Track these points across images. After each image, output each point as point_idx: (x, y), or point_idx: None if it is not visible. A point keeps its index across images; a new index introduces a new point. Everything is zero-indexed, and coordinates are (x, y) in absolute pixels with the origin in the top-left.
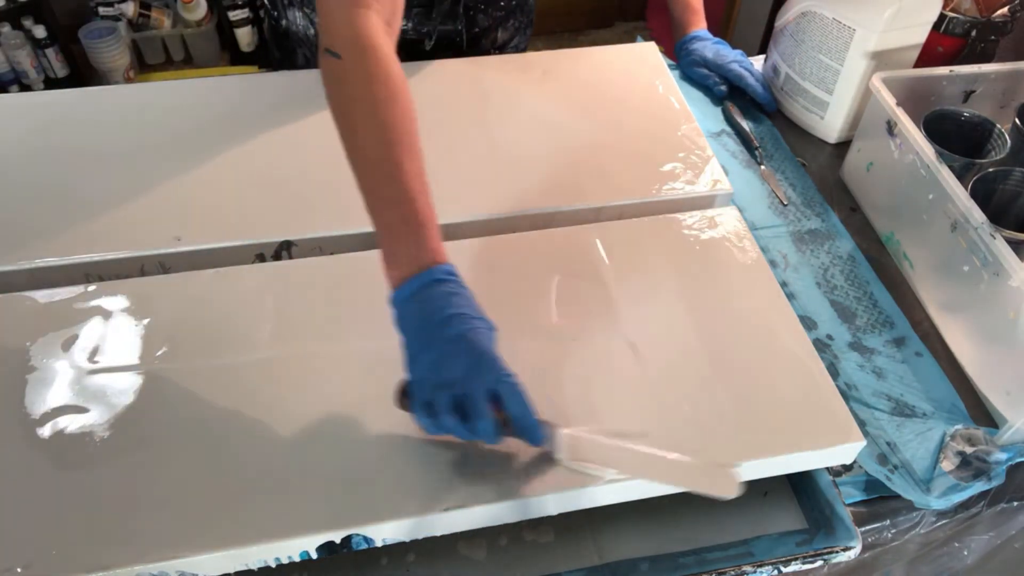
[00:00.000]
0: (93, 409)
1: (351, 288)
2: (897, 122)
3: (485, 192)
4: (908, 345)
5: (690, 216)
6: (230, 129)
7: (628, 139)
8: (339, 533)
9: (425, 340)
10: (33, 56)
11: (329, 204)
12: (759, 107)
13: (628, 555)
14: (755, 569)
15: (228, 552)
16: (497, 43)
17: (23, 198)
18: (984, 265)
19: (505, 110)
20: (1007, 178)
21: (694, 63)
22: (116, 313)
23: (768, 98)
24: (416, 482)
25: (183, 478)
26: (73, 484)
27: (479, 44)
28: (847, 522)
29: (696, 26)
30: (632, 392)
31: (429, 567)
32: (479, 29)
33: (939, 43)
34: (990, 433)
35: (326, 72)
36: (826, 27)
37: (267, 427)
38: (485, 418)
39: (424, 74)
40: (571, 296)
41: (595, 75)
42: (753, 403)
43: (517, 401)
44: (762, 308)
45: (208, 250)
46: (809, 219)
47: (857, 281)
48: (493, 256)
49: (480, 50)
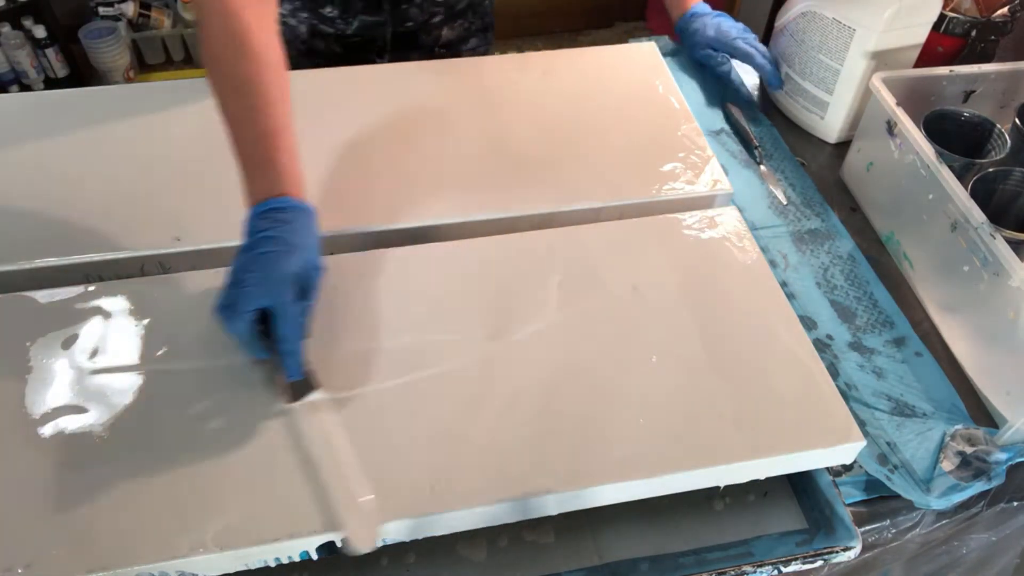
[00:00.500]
0: (93, 409)
1: (350, 288)
2: (897, 122)
3: (485, 192)
4: (908, 345)
5: (690, 216)
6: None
7: (628, 139)
8: (339, 533)
9: (238, 256)
10: (33, 56)
11: (329, 204)
12: (758, 107)
13: (628, 555)
14: (755, 569)
15: (228, 552)
16: (442, 42)
17: (23, 198)
18: (984, 265)
19: (505, 110)
20: (1007, 178)
21: (698, 45)
22: (116, 313)
23: (777, 79)
24: (416, 482)
25: (183, 478)
26: (73, 484)
27: (417, 41)
28: (847, 522)
29: (693, 0)
30: (632, 392)
31: (429, 567)
32: (413, 24)
33: (939, 43)
34: (990, 433)
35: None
36: (826, 27)
37: (267, 427)
38: (242, 321)
39: (424, 74)
40: (571, 296)
41: (595, 75)
42: (753, 403)
43: (286, 325)
44: (762, 308)
45: (208, 250)
46: (809, 219)
47: (857, 281)
48: (493, 256)
49: (421, 48)
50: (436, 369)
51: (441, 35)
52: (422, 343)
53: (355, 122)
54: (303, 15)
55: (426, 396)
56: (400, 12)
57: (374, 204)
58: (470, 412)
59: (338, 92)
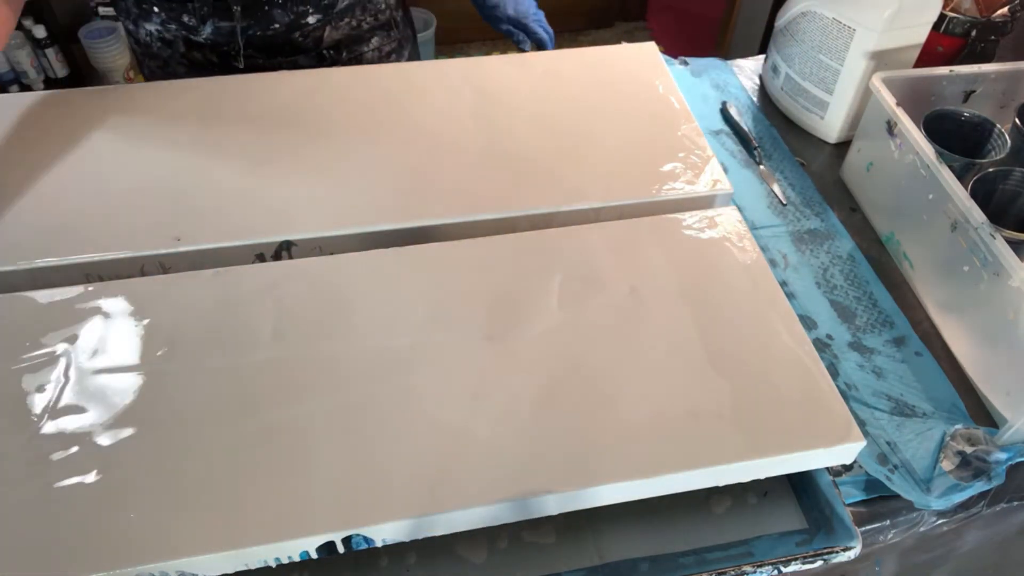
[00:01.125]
0: (93, 409)
1: (351, 288)
2: (897, 122)
3: (485, 192)
4: (908, 345)
5: (690, 216)
6: (229, 129)
7: (628, 139)
8: (339, 534)
9: None
10: (33, 56)
11: (329, 204)
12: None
13: (628, 555)
14: (755, 569)
15: (228, 552)
16: (327, 43)
17: (23, 198)
18: (984, 265)
19: (505, 110)
20: (1007, 178)
21: (499, 20)
22: (116, 313)
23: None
24: (416, 482)
25: (183, 478)
26: (73, 484)
27: (295, 44)
28: (847, 522)
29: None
30: (632, 391)
31: (429, 568)
32: (280, 26)
33: (939, 43)
34: (990, 433)
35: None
36: (826, 27)
37: (267, 427)
38: None
39: (424, 74)
40: (571, 296)
41: (595, 75)
42: (753, 403)
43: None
44: (762, 308)
45: (208, 250)
46: (809, 219)
47: (857, 281)
48: (493, 256)
49: (305, 51)
50: (436, 369)
51: (324, 36)
52: (422, 343)
53: (354, 122)
54: (172, 27)
55: (426, 396)
56: (263, 15)
57: (374, 204)
58: (470, 412)
59: (337, 92)
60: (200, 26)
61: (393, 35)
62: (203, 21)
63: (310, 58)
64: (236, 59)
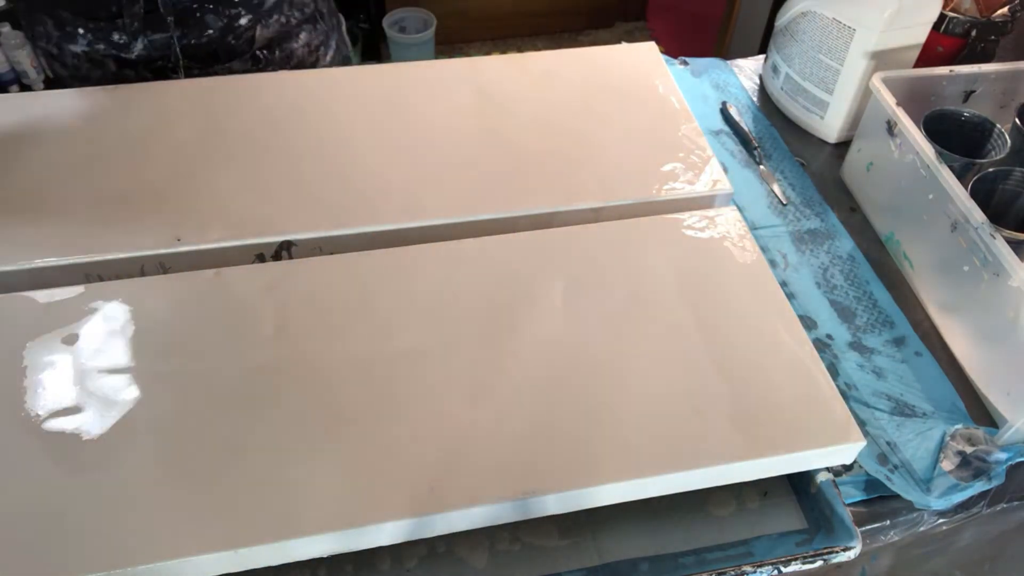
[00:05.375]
0: (93, 409)
1: (352, 288)
2: (897, 122)
3: (485, 192)
4: (908, 345)
5: (690, 216)
6: (229, 129)
7: (628, 139)
8: (339, 534)
9: None
10: (33, 56)
11: (329, 204)
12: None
13: (628, 555)
14: (755, 569)
15: (229, 552)
16: (259, 43)
17: (23, 198)
18: (984, 265)
19: (505, 110)
20: (1007, 178)
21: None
22: (116, 313)
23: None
24: (416, 482)
25: (183, 478)
26: (72, 484)
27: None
28: (847, 522)
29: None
30: (632, 391)
31: (429, 568)
32: (214, 31)
33: (939, 43)
34: (990, 433)
35: None
36: (826, 27)
37: (267, 428)
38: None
39: (424, 75)
40: (571, 296)
41: (595, 75)
42: (753, 403)
43: None
44: (762, 308)
45: (208, 250)
46: (808, 219)
47: (857, 281)
48: (493, 256)
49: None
50: (435, 369)
51: (255, 36)
52: (422, 343)
53: (354, 122)
54: (100, 47)
55: (425, 396)
56: (195, 22)
57: (374, 204)
58: (469, 412)
59: (337, 92)
60: (132, 42)
61: (320, 28)
62: (134, 37)
63: (244, 62)
64: (174, 72)
